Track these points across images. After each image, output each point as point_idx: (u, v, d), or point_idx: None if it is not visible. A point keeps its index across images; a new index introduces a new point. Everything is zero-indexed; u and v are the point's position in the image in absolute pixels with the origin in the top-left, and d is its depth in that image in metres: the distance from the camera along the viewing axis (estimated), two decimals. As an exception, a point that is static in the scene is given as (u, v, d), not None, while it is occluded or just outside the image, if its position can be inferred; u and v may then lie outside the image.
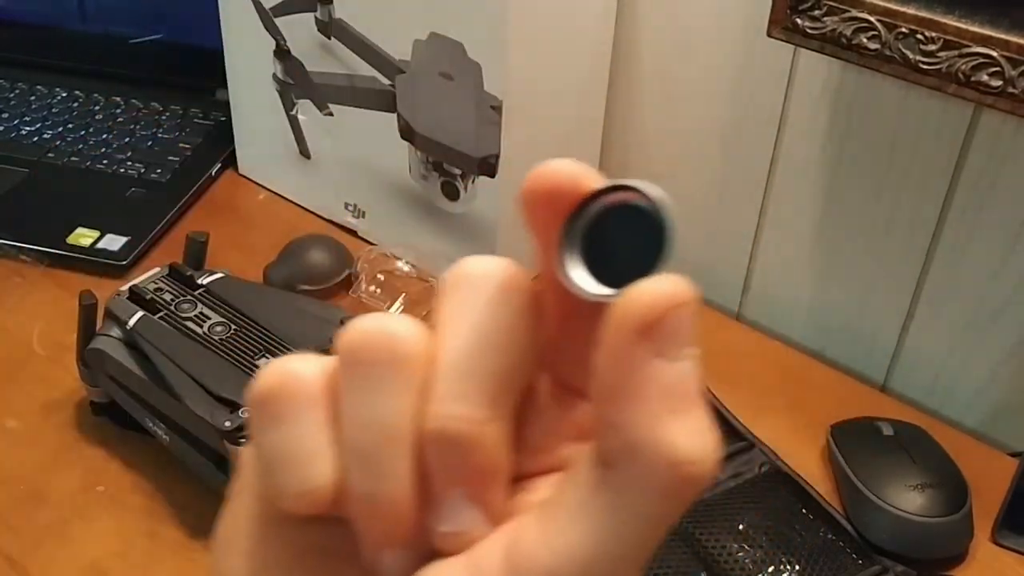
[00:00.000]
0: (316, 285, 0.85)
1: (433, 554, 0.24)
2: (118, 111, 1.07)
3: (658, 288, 0.21)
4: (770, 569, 0.64)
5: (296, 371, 0.25)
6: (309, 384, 0.24)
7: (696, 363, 0.22)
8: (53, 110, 1.07)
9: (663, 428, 0.21)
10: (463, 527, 0.23)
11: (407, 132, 0.85)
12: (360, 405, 0.24)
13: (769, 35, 0.71)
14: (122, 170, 0.99)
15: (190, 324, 0.67)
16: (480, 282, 0.24)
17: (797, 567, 0.64)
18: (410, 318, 0.24)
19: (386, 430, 0.23)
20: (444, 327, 0.24)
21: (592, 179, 0.24)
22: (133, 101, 1.08)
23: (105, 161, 1.00)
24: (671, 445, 0.21)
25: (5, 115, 1.06)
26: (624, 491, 0.21)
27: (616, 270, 0.22)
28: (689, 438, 0.21)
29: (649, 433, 0.21)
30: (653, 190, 0.22)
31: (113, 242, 0.90)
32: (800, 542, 0.66)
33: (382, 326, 0.24)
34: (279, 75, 0.92)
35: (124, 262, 0.88)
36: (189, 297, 0.70)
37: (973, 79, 0.63)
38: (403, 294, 0.84)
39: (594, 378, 0.22)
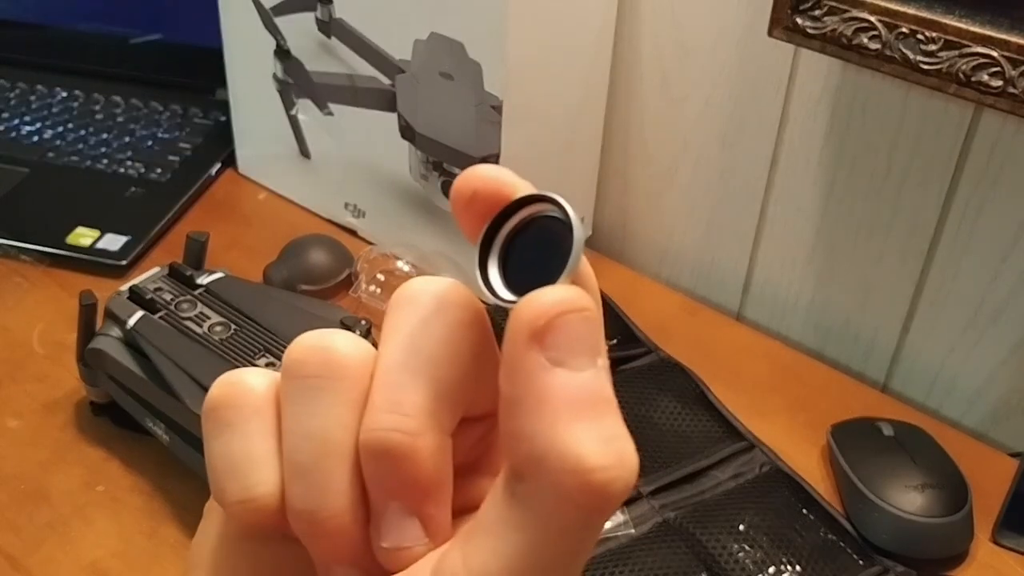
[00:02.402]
0: (316, 285, 0.85)
1: (384, 573, 0.24)
2: (118, 111, 1.07)
3: (547, 295, 0.21)
4: (770, 569, 0.64)
5: (244, 382, 0.25)
6: (256, 395, 0.25)
7: (605, 373, 0.22)
8: (53, 110, 1.07)
9: (567, 435, 0.21)
10: (402, 542, 0.23)
11: (407, 132, 0.85)
12: (298, 417, 0.24)
13: (770, 35, 0.71)
14: (122, 170, 0.99)
15: (190, 324, 0.67)
16: (418, 298, 0.24)
17: (797, 567, 0.64)
18: (354, 335, 0.24)
19: (323, 442, 0.23)
20: (383, 343, 0.24)
21: (516, 187, 0.24)
22: (133, 101, 1.08)
23: (105, 161, 1.00)
24: (575, 452, 0.20)
25: (5, 115, 1.06)
26: (535, 504, 0.21)
27: (528, 280, 0.22)
28: (596, 445, 0.21)
29: (552, 441, 0.21)
30: (566, 203, 0.23)
31: (113, 242, 0.90)
32: (800, 542, 0.66)
33: (321, 340, 0.24)
34: (279, 75, 0.92)
35: (124, 262, 0.88)
36: (189, 297, 0.70)
37: (973, 79, 0.63)
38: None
39: (500, 389, 0.22)
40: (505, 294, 0.23)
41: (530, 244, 0.24)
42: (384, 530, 0.23)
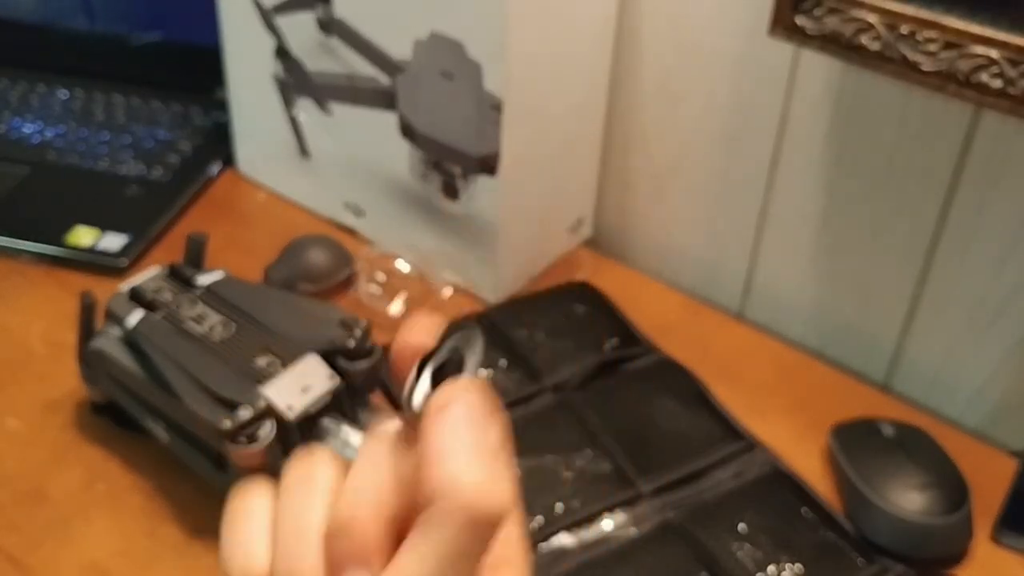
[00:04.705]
0: (316, 285, 0.85)
1: None
2: (118, 111, 1.07)
3: (452, 385, 0.29)
4: (770, 569, 0.64)
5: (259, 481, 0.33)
6: (265, 489, 0.32)
7: (499, 431, 0.28)
8: (54, 110, 1.07)
9: (449, 462, 0.27)
10: None
11: (407, 131, 0.85)
12: (283, 506, 0.31)
13: (770, 35, 0.71)
14: (122, 170, 0.99)
15: (190, 324, 0.67)
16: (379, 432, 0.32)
17: (797, 567, 0.64)
18: (330, 452, 0.31)
19: (297, 526, 0.30)
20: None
21: (427, 335, 0.31)
22: (133, 101, 1.08)
23: (105, 161, 1.00)
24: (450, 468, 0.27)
25: (6, 115, 1.06)
26: (424, 523, 0.27)
27: None
28: (468, 466, 0.27)
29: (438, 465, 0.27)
30: (472, 336, 0.31)
31: (113, 242, 0.90)
32: (800, 542, 0.66)
33: (304, 456, 0.32)
34: (279, 74, 0.92)
35: (124, 262, 0.88)
36: (189, 297, 0.70)
37: (973, 79, 0.63)
38: (403, 294, 0.85)
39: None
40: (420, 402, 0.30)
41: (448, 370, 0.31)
42: None
